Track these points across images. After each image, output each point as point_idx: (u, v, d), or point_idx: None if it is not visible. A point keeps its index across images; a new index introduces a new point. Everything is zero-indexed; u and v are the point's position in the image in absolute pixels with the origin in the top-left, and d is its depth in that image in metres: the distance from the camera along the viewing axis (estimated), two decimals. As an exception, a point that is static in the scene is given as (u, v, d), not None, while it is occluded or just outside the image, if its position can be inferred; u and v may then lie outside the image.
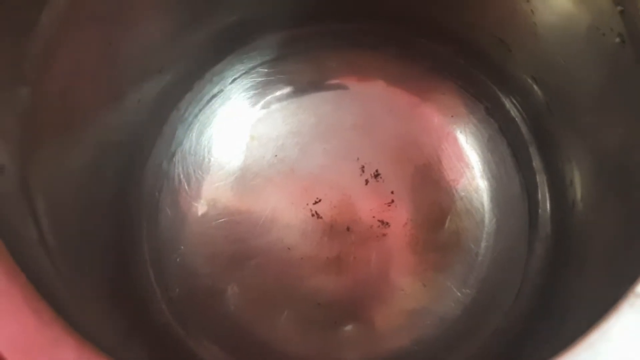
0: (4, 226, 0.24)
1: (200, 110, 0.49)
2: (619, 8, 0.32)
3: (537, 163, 0.47)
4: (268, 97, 0.50)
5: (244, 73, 0.50)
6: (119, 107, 0.41)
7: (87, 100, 0.37)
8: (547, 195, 0.46)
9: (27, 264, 0.24)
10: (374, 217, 0.47)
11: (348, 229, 0.47)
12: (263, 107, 0.50)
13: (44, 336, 0.22)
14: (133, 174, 0.45)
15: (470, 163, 0.48)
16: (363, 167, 0.48)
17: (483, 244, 0.46)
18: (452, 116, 0.49)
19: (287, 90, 0.50)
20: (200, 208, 0.47)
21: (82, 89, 0.36)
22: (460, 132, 0.49)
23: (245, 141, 0.49)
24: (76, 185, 0.37)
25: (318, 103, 0.49)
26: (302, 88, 0.50)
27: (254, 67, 0.50)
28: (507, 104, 0.48)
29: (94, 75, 0.37)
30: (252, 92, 0.50)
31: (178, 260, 0.46)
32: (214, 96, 0.50)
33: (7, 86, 0.28)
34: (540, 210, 0.46)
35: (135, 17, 0.38)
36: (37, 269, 0.26)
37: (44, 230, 0.29)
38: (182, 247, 0.46)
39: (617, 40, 0.33)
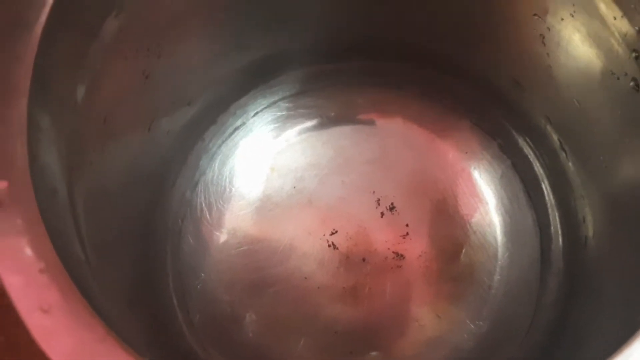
0: (59, 245, 0.25)
1: (223, 142, 0.51)
2: (634, 54, 0.33)
3: (549, 199, 0.48)
4: (288, 131, 0.51)
5: (266, 107, 0.51)
6: (150, 136, 0.42)
7: (123, 128, 0.38)
8: (560, 230, 0.47)
9: (78, 281, 0.25)
10: (389, 248, 0.48)
11: (364, 260, 0.48)
12: (283, 140, 0.51)
13: (98, 351, 0.23)
14: (159, 202, 0.46)
15: (484, 198, 0.49)
16: (379, 200, 0.49)
17: (496, 277, 0.47)
18: (466, 152, 0.50)
19: (307, 124, 0.51)
20: (221, 236, 0.48)
21: (120, 117, 0.37)
22: (474, 168, 0.50)
23: (265, 172, 0.50)
24: (108, 210, 0.38)
25: (337, 137, 0.51)
26: (321, 123, 0.51)
27: (275, 102, 0.52)
28: (520, 141, 0.50)
29: (131, 105, 0.38)
30: (273, 126, 0.51)
31: (199, 287, 0.47)
32: (236, 128, 0.51)
33: (61, 112, 0.30)
34: (552, 245, 0.47)
35: (171, 53, 0.40)
36: (87, 287, 0.27)
37: (87, 251, 0.30)
38: (203, 275, 0.47)
39: (632, 84, 0.34)
